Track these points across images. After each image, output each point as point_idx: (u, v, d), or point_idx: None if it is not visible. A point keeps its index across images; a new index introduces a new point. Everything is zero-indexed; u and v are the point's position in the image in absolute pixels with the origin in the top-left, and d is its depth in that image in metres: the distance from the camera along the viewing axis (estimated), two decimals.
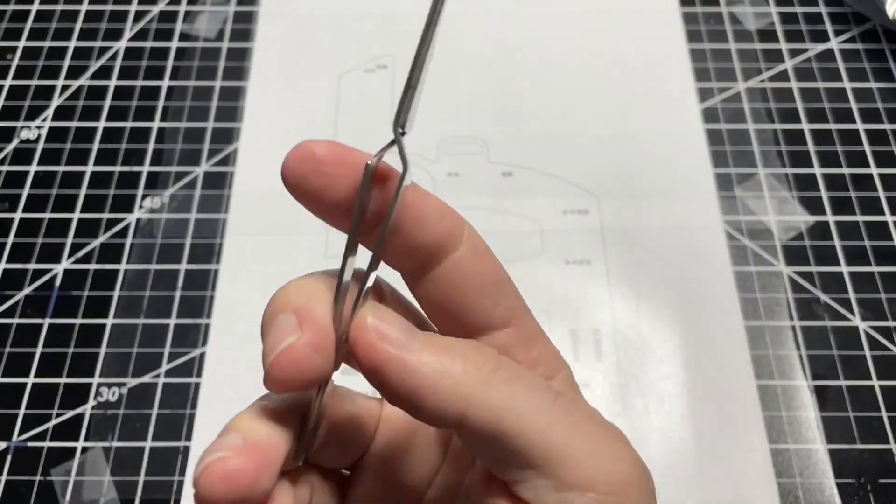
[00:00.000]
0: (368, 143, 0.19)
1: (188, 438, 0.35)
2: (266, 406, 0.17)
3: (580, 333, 0.38)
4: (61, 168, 0.43)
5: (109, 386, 0.37)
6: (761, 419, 0.35)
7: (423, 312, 0.19)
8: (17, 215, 0.42)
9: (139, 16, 0.49)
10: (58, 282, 0.40)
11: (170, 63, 0.47)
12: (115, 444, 0.35)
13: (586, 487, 0.16)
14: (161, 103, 0.46)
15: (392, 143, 0.17)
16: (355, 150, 0.17)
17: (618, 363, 0.37)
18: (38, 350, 0.38)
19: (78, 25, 0.49)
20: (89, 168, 0.43)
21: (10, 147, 0.44)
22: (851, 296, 0.39)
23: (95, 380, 0.37)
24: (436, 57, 0.18)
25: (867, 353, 0.37)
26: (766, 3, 0.49)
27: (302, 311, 0.16)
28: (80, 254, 0.41)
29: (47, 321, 0.39)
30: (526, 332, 0.19)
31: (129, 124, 0.45)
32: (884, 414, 0.36)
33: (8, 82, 0.47)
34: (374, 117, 0.44)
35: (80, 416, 0.36)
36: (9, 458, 0.35)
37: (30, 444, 0.36)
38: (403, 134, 0.17)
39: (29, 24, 0.49)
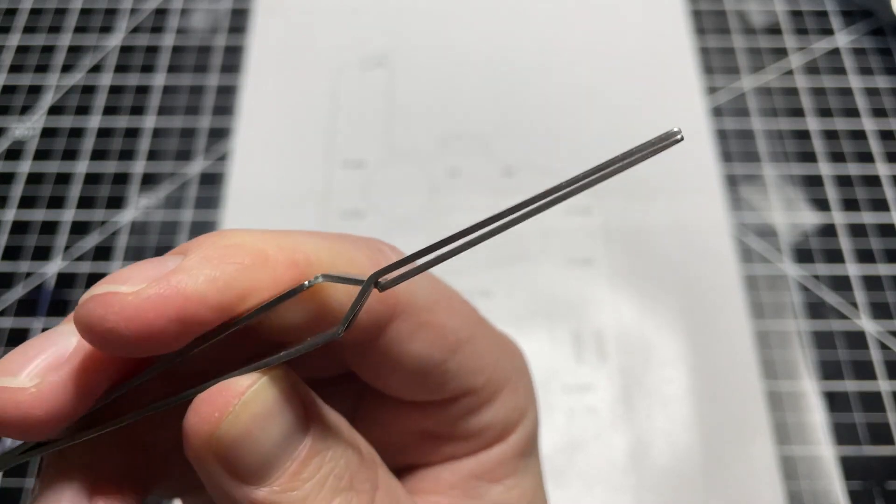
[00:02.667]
0: (365, 140, 0.18)
1: None
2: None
3: (583, 335, 0.37)
4: (54, 167, 0.43)
5: None
6: (768, 422, 0.35)
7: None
8: (10, 215, 0.41)
9: (133, 12, 0.48)
10: (50, 283, 0.39)
11: (164, 60, 0.46)
12: None
13: None
14: (155, 101, 0.45)
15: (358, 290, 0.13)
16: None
17: (621, 365, 0.36)
18: None
19: (71, 22, 0.48)
20: (82, 167, 0.43)
21: (2, 146, 0.43)
22: (859, 297, 0.38)
23: None
24: (436, 54, 0.16)
25: (875, 355, 0.37)
26: (771, 0, 0.48)
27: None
28: (73, 254, 0.40)
29: (40, 323, 0.38)
30: (487, 392, 0.17)
31: (122, 122, 0.44)
32: (891, 417, 0.35)
33: (0, 80, 0.46)
34: (372, 114, 0.44)
35: None
36: None
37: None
38: (380, 288, 0.13)
39: (21, 21, 0.48)
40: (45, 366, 0.13)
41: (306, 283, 0.13)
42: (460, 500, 0.18)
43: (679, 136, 0.12)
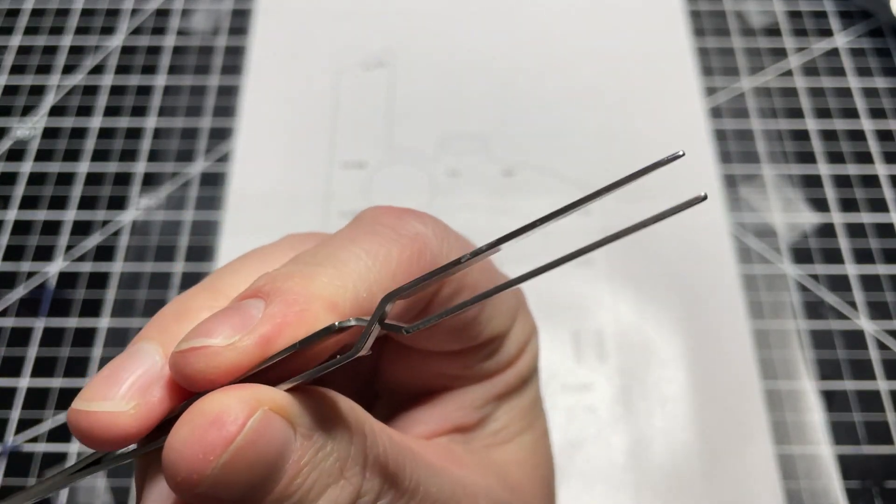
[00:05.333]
0: (365, 141, 0.18)
1: None
2: None
3: (582, 335, 0.37)
4: (56, 167, 0.43)
5: None
6: (766, 422, 0.35)
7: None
8: (12, 215, 0.41)
9: (135, 13, 0.49)
10: (52, 283, 0.39)
11: (165, 60, 0.47)
12: None
13: None
14: (156, 101, 0.45)
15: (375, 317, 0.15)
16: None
17: (620, 365, 0.36)
18: (33, 352, 0.37)
19: (73, 23, 0.48)
20: (84, 167, 0.43)
21: (4, 146, 0.44)
22: (857, 297, 0.38)
23: None
24: (437, 54, 0.17)
25: (873, 354, 0.37)
26: (770, 0, 0.49)
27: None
28: (75, 254, 0.40)
29: (41, 323, 0.38)
30: (507, 330, 0.20)
31: (124, 123, 0.44)
32: (890, 417, 0.35)
33: (1, 80, 0.46)
34: (373, 115, 0.44)
35: None
36: (3, 461, 0.35)
37: (24, 447, 0.35)
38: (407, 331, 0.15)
39: (23, 22, 0.48)
40: (138, 387, 0.15)
41: (336, 324, 0.15)
42: (468, 413, 0.20)
43: (703, 197, 0.13)
